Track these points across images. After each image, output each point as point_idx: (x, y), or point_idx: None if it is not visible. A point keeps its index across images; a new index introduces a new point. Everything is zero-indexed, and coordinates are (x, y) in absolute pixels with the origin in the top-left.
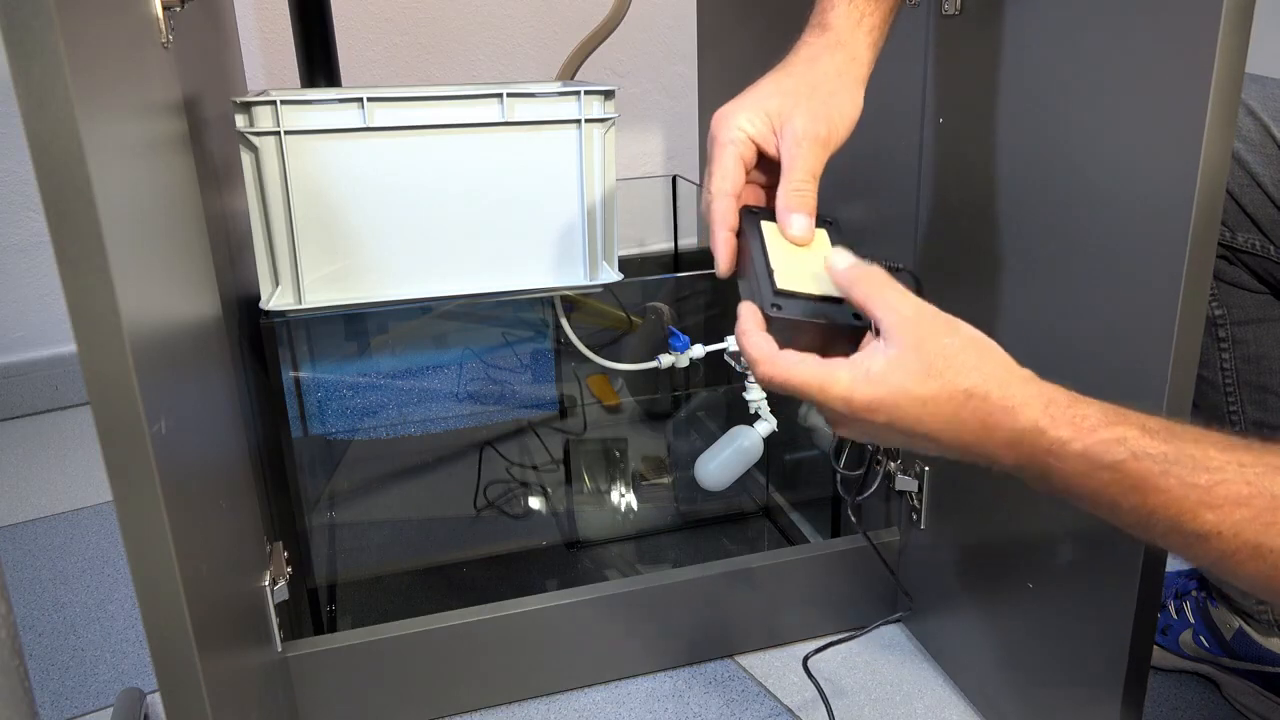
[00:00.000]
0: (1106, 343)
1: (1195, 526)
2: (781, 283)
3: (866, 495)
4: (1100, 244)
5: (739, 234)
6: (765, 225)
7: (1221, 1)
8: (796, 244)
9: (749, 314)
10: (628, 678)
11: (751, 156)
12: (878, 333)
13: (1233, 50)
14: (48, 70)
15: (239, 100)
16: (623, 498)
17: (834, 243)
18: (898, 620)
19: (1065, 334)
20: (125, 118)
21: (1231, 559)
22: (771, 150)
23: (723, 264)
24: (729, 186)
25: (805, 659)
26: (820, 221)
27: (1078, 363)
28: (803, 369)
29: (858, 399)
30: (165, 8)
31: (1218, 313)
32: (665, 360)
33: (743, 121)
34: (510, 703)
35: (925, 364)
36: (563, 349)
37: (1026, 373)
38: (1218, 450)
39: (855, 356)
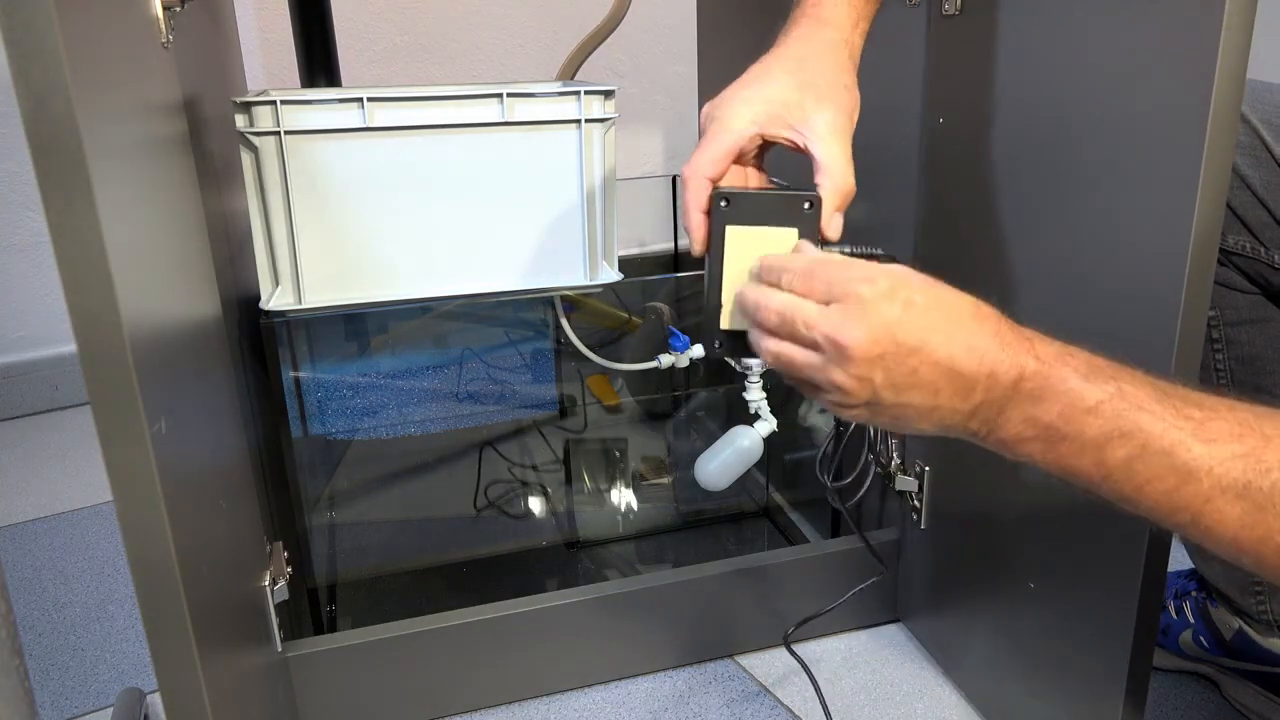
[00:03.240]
0: (1107, 345)
1: (1187, 458)
2: (729, 324)
3: (858, 498)
4: (1101, 245)
5: (710, 218)
6: (730, 233)
7: (1224, 4)
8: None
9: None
10: (628, 678)
11: (752, 149)
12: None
13: (1235, 52)
14: (48, 70)
15: (239, 100)
16: (623, 498)
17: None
18: (872, 583)
19: (1064, 335)
20: (125, 118)
21: (1219, 499)
22: (782, 141)
23: (697, 245)
24: (709, 171)
25: (786, 635)
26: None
27: None
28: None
29: (882, 272)
30: (165, 8)
31: (1211, 314)
32: (665, 360)
33: (757, 113)
34: (510, 703)
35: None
36: (563, 349)
37: None
38: (1206, 395)
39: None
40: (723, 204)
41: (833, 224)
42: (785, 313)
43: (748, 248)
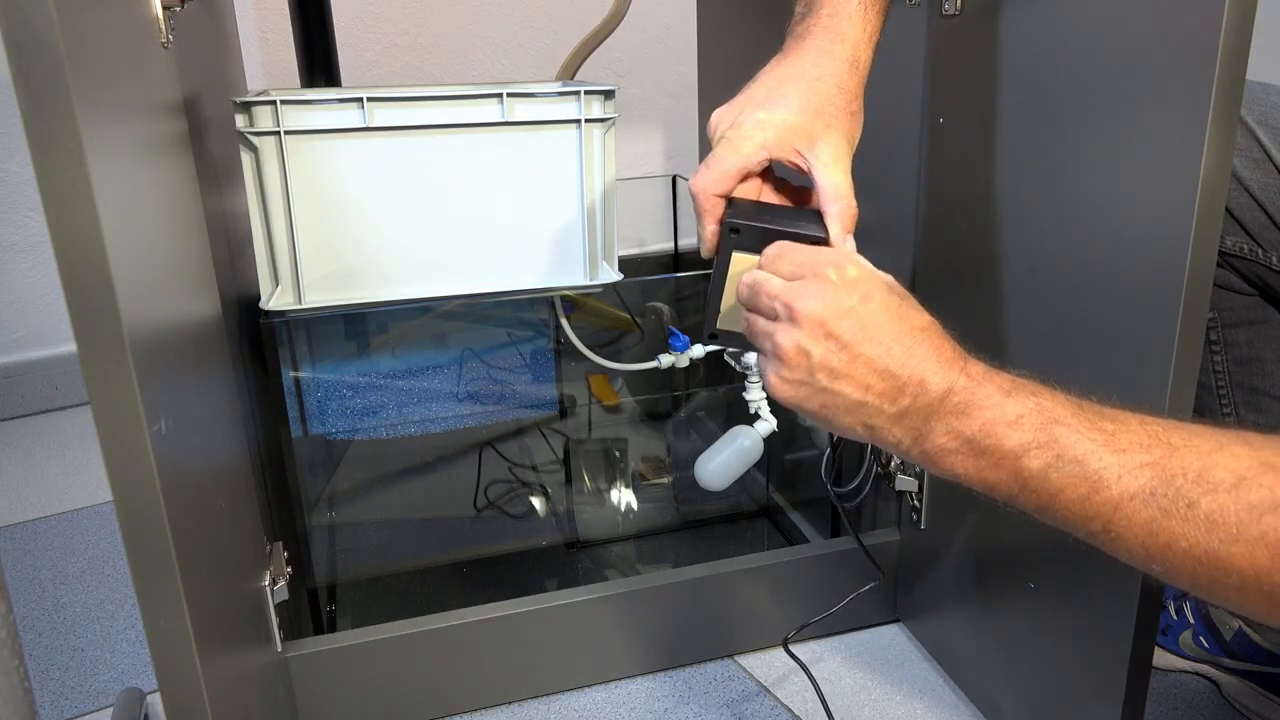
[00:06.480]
0: (1106, 346)
1: (1097, 467)
2: (720, 324)
3: (858, 501)
4: (1100, 246)
5: (720, 233)
6: (735, 257)
7: (1223, 6)
8: None
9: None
10: (628, 678)
11: (759, 169)
12: None
13: (1234, 53)
14: (48, 70)
15: (239, 100)
16: (623, 498)
17: None
18: (869, 589)
19: (1064, 337)
20: (125, 118)
21: (1127, 506)
22: (787, 162)
23: (706, 251)
24: (718, 190)
25: (785, 640)
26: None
27: (1076, 366)
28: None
29: (855, 264)
30: (165, 8)
31: (1209, 316)
32: (665, 360)
33: (767, 138)
34: (510, 703)
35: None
36: (563, 349)
37: None
38: (1120, 411)
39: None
40: (732, 234)
41: (845, 247)
42: (754, 284)
43: (750, 270)
